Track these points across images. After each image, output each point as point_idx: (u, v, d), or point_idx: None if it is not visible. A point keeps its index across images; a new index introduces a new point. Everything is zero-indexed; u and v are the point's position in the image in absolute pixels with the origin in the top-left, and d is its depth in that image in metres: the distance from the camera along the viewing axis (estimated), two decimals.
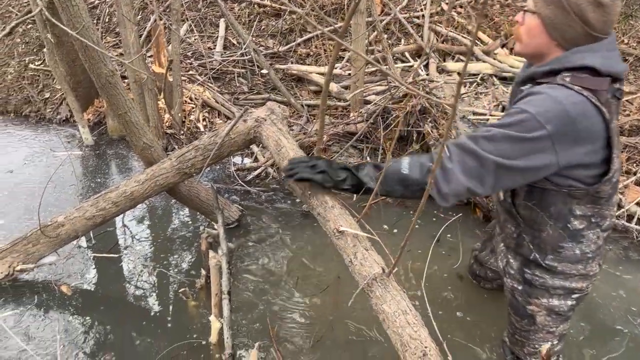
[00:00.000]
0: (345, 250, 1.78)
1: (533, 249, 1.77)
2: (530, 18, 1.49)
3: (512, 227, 1.82)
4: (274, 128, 2.15)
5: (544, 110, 1.39)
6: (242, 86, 4.26)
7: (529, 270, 1.83)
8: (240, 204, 3.26)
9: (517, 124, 1.42)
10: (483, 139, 1.47)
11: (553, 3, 1.43)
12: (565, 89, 1.41)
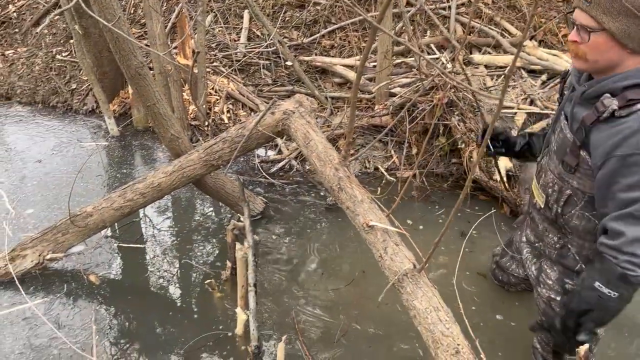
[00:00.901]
0: (375, 245, 1.77)
1: (579, 260, 1.70)
2: (595, 36, 1.37)
3: (554, 237, 1.75)
4: (302, 121, 2.14)
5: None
6: (266, 78, 4.24)
7: (570, 281, 1.76)
8: (264, 196, 3.26)
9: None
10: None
11: (622, 13, 1.31)
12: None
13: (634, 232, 1.35)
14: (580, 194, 1.55)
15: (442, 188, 3.47)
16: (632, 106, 1.33)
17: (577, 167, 1.50)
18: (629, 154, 1.31)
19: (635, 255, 1.36)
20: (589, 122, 1.41)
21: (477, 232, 2.87)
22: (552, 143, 1.66)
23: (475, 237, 2.87)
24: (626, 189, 1.34)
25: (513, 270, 2.29)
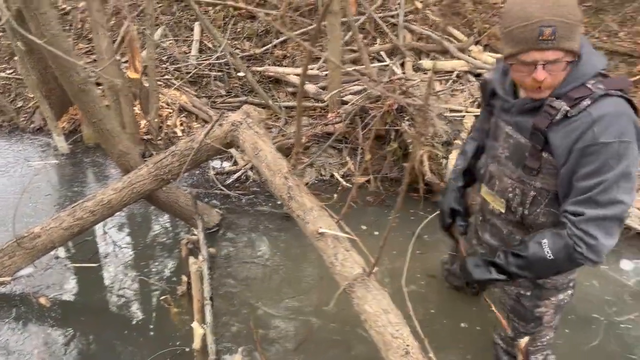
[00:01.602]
0: (326, 252, 1.79)
1: None
2: (557, 65, 1.39)
3: (521, 238, 1.77)
4: (250, 131, 2.15)
5: (619, 128, 1.37)
6: (219, 89, 4.24)
7: None
8: (220, 208, 3.24)
9: (618, 162, 1.39)
10: (601, 196, 1.42)
11: (576, 32, 1.36)
12: (611, 98, 1.40)
13: (593, 213, 1.42)
14: (545, 193, 1.59)
15: (397, 192, 3.52)
16: (579, 104, 1.40)
17: (540, 168, 1.55)
18: (586, 146, 1.39)
19: (588, 234, 1.43)
20: (544, 126, 1.46)
21: (428, 234, 2.93)
22: (497, 150, 1.69)
23: (427, 240, 2.93)
24: (584, 177, 1.42)
25: None
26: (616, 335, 2.43)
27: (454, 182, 1.95)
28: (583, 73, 1.42)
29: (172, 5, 4.77)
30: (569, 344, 2.35)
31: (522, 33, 1.35)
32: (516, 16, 1.36)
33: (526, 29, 1.34)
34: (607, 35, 4.61)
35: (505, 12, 1.42)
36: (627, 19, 4.73)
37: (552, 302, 1.84)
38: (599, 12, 4.75)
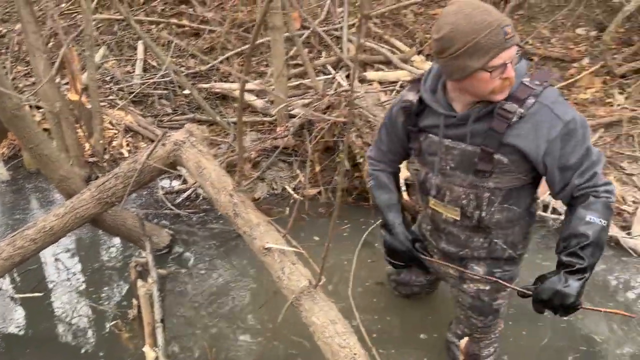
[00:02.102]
0: (273, 267, 1.80)
1: (507, 248, 1.83)
2: (514, 60, 1.49)
3: (480, 239, 1.84)
4: (193, 150, 2.15)
5: (567, 105, 1.55)
6: (166, 108, 4.20)
7: (499, 269, 1.89)
8: (170, 228, 3.20)
9: (582, 131, 1.54)
10: (593, 156, 1.57)
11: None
12: (547, 89, 1.55)
13: (599, 168, 1.57)
14: (498, 191, 1.67)
15: (348, 202, 3.57)
16: (526, 102, 1.51)
17: (493, 169, 1.62)
18: (561, 129, 1.51)
19: (607, 184, 1.57)
20: (502, 130, 1.54)
21: (379, 243, 2.98)
22: (438, 163, 1.74)
23: (378, 248, 2.98)
24: (573, 153, 1.54)
25: (414, 281, 2.38)
26: (562, 330, 2.53)
27: (396, 215, 1.93)
28: (520, 72, 1.54)
29: (113, 25, 4.70)
30: (522, 345, 2.43)
31: (490, 39, 1.41)
32: (476, 28, 1.40)
33: (492, 34, 1.40)
34: (540, 42, 4.83)
35: (453, 32, 1.42)
36: (558, 25, 4.99)
37: (507, 292, 1.94)
38: (532, 20, 4.98)
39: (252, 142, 3.73)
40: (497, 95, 1.52)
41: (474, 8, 1.42)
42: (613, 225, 3.24)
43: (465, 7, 1.43)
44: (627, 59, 4.48)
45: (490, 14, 1.41)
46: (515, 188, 1.67)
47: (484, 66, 1.43)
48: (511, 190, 1.67)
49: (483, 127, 1.58)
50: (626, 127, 3.86)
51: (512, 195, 1.68)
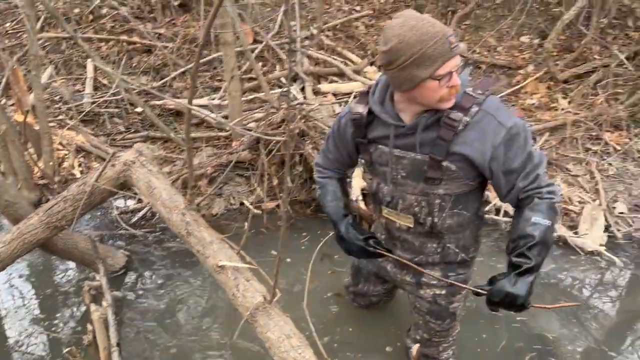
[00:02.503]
0: (227, 284, 1.80)
1: (459, 252, 1.89)
2: (458, 69, 1.55)
3: (434, 245, 1.89)
4: (143, 170, 2.12)
5: (508, 111, 1.61)
6: (118, 126, 4.13)
7: (453, 273, 1.94)
8: (126, 249, 3.14)
9: (524, 135, 1.61)
10: (535, 159, 1.64)
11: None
12: (489, 97, 1.62)
13: (541, 170, 1.64)
14: (447, 197, 1.73)
15: (306, 214, 3.59)
16: (470, 110, 1.58)
17: (442, 177, 1.68)
18: (504, 136, 1.57)
19: (550, 185, 1.64)
20: (449, 138, 1.60)
21: (339, 254, 3.01)
22: (389, 174, 1.78)
23: (337, 260, 3.00)
24: (516, 158, 1.60)
25: (372, 291, 2.41)
26: (518, 330, 2.61)
27: (345, 219, 1.95)
28: (463, 81, 1.60)
29: (60, 43, 4.60)
30: (482, 347, 2.49)
31: (436, 49, 1.46)
32: (422, 39, 1.45)
33: (438, 44, 1.45)
34: (487, 50, 5.00)
35: (400, 44, 1.46)
36: (503, 34, 5.18)
37: (462, 295, 2.00)
38: (478, 30, 5.16)
39: (208, 158, 3.71)
40: (445, 104, 1.57)
41: (418, 20, 1.47)
42: (561, 225, 3.37)
43: (410, 19, 1.48)
44: (569, 65, 4.69)
45: (434, 26, 1.47)
46: (463, 193, 1.73)
47: (432, 75, 1.48)
48: (460, 195, 1.73)
49: (431, 136, 1.64)
50: (570, 130, 4.03)
51: (461, 201, 1.75)
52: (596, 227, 3.34)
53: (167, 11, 4.99)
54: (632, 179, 3.76)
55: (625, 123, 4.11)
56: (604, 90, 4.40)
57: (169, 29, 4.83)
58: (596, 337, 2.62)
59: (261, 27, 4.91)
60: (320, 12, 4.71)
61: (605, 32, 4.96)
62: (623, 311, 2.88)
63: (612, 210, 3.51)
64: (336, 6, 5.35)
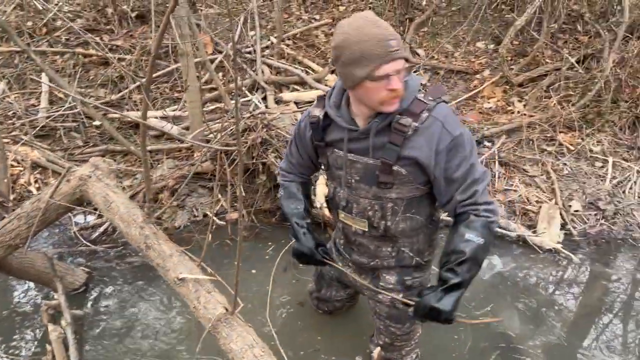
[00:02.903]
0: (188, 297, 1.77)
1: (414, 255, 1.91)
2: (402, 74, 1.57)
3: (388, 249, 1.91)
4: (100, 184, 2.08)
5: (457, 121, 1.65)
6: (76, 140, 4.04)
7: (409, 277, 1.96)
8: (86, 266, 3.07)
9: (469, 147, 1.64)
10: (476, 173, 1.66)
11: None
12: (440, 104, 1.65)
13: (481, 187, 1.65)
14: (400, 201, 1.75)
15: (271, 223, 3.58)
16: (420, 116, 1.61)
17: (394, 181, 1.70)
18: (449, 143, 1.60)
19: (488, 203, 1.66)
20: (399, 142, 1.62)
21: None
22: (344, 177, 1.80)
23: (302, 269, 3.00)
24: (457, 167, 1.63)
25: (335, 297, 2.42)
26: (482, 330, 2.66)
27: (302, 222, 1.98)
28: (414, 87, 1.64)
29: (13, 57, 4.48)
30: (450, 351, 2.52)
31: (374, 50, 1.48)
32: (362, 39, 1.49)
33: (376, 46, 1.48)
34: (445, 56, 5.11)
35: (344, 42, 1.52)
36: (460, 40, 5.30)
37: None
38: (436, 36, 5.27)
39: (169, 170, 3.66)
40: (386, 107, 1.60)
41: (365, 21, 1.51)
42: (520, 225, 3.46)
43: (359, 19, 1.53)
44: (523, 69, 4.84)
45: (379, 28, 1.50)
46: (415, 198, 1.76)
47: (369, 76, 1.51)
48: (412, 200, 1.76)
49: (383, 140, 1.66)
50: (526, 133, 4.16)
51: (413, 205, 1.77)
52: (553, 226, 3.44)
53: (124, 22, 4.92)
54: (585, 177, 3.90)
55: (577, 124, 4.26)
56: (557, 92, 4.55)
57: (127, 40, 4.77)
58: (557, 332, 2.70)
59: (220, 38, 4.89)
60: (279, 22, 4.73)
61: (556, 37, 5.14)
62: (582, 306, 2.97)
63: (567, 209, 3.62)
64: (296, 15, 5.39)
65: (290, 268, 3.05)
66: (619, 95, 4.39)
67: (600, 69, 4.48)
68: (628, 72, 4.37)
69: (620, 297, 3.04)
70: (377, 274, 2.01)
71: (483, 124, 4.30)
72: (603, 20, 5.17)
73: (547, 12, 4.82)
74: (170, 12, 1.29)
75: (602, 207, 3.65)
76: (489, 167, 3.90)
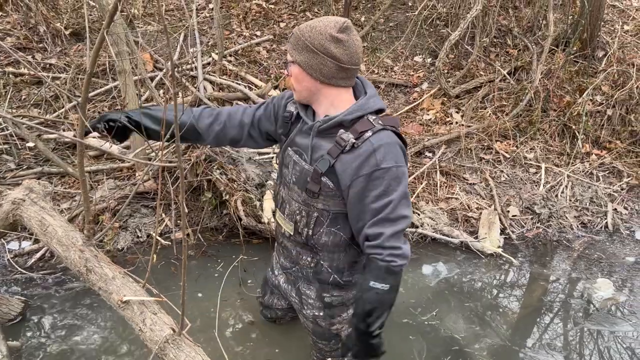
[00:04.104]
0: (134, 320, 1.72)
1: (332, 272, 1.90)
2: (293, 68, 1.66)
3: (308, 258, 1.92)
4: (35, 207, 1.99)
5: (395, 156, 1.61)
6: (8, 163, 3.84)
7: (327, 294, 1.96)
8: (22, 295, 2.91)
9: (394, 184, 1.61)
10: (392, 213, 1.62)
11: (303, 49, 1.62)
12: (387, 131, 1.64)
13: (390, 230, 1.62)
14: (326, 213, 1.75)
15: (219, 240, 3.54)
16: (363, 135, 1.62)
17: (320, 191, 1.71)
18: (372, 172, 1.60)
19: (395, 248, 1.63)
20: (335, 155, 1.64)
21: (253, 280, 2.99)
22: (287, 176, 1.83)
23: (250, 285, 2.98)
24: (375, 199, 1.62)
25: (277, 305, 2.40)
26: (433, 337, 2.72)
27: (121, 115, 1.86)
28: (366, 106, 1.66)
29: None
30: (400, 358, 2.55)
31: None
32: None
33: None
34: (385, 70, 5.25)
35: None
36: (399, 54, 5.46)
37: (345, 319, 2.01)
38: (375, 51, 5.40)
39: (110, 191, 3.55)
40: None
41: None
42: (462, 231, 3.58)
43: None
44: (459, 81, 5.04)
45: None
46: (341, 214, 1.76)
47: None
48: (338, 215, 1.76)
49: (322, 145, 1.70)
50: (464, 142, 4.32)
51: (339, 221, 1.77)
52: (494, 231, 3.58)
53: (57, 40, 4.75)
54: (521, 183, 4.09)
55: (511, 133, 4.47)
56: (491, 103, 4.76)
57: (61, 59, 4.60)
58: (501, 334, 2.80)
59: (160, 55, 4.81)
60: (220, 38, 4.71)
61: (489, 50, 5.39)
62: (523, 307, 3.10)
63: (506, 214, 3.78)
64: (237, 32, 5.38)
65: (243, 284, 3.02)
66: (548, 105, 4.65)
67: (530, 80, 4.74)
68: (555, 82, 4.65)
69: (559, 297, 3.19)
70: (299, 287, 2.03)
71: (424, 135, 4.44)
72: (530, 34, 5.47)
73: (479, 27, 5.06)
74: (106, 28, 1.27)
75: (537, 211, 3.83)
76: (430, 176, 4.02)
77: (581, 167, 4.29)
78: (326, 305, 1.98)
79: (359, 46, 1.65)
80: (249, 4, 5.77)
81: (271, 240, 3.36)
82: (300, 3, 5.89)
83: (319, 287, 1.97)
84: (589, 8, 4.83)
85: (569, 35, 5.18)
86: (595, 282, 3.26)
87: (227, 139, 1.94)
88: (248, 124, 1.91)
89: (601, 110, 4.67)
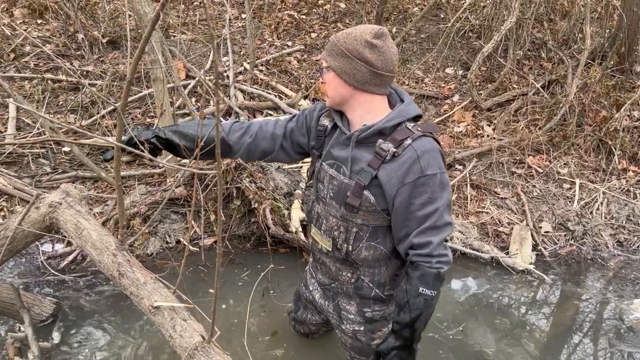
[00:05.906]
0: (164, 326, 1.72)
1: (373, 287, 1.87)
2: (327, 74, 1.67)
3: (348, 274, 1.89)
4: (71, 211, 2.03)
5: (438, 162, 1.62)
6: (45, 167, 3.94)
7: (368, 309, 1.93)
8: (54, 296, 2.97)
9: (439, 191, 1.62)
10: (439, 220, 1.63)
11: (338, 54, 1.62)
12: (427, 138, 1.64)
13: (437, 239, 1.63)
14: (365, 228, 1.73)
15: (246, 248, 3.55)
16: (403, 143, 1.60)
17: (360, 206, 1.68)
18: (416, 179, 1.59)
19: (442, 255, 1.64)
20: (376, 166, 1.62)
21: (276, 290, 2.98)
22: (322, 192, 1.81)
23: (276, 296, 2.97)
24: (421, 207, 1.61)
25: (311, 320, 2.37)
26: (461, 352, 2.67)
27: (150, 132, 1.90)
28: (403, 113, 1.64)
29: None
30: None
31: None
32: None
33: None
34: (415, 82, 5.22)
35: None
36: (430, 66, 5.43)
37: (385, 333, 1.96)
38: (406, 62, 5.38)
39: (141, 196, 3.60)
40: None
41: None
42: (493, 247, 3.51)
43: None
44: (491, 93, 4.97)
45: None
46: (382, 228, 1.74)
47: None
48: (378, 229, 1.74)
49: (363, 156, 1.68)
50: (496, 156, 4.25)
51: (379, 234, 1.75)
52: (525, 247, 3.50)
53: (95, 48, 4.88)
54: (554, 199, 4.00)
55: (545, 147, 4.38)
56: (524, 117, 4.68)
57: (98, 66, 4.72)
58: (530, 351, 2.73)
59: (193, 63, 4.89)
60: (252, 48, 4.76)
61: (522, 63, 5.31)
62: (554, 325, 3.02)
63: (538, 230, 3.70)
64: (269, 42, 5.44)
65: (266, 293, 3.01)
66: (583, 119, 4.54)
67: (565, 94, 4.65)
68: (591, 97, 4.54)
69: (591, 317, 3.10)
70: (338, 302, 2.00)
71: (454, 147, 4.39)
72: (565, 48, 5.37)
73: (513, 40, 4.99)
74: (148, 37, 1.29)
75: (571, 228, 3.74)
76: (460, 189, 3.96)
77: (617, 183, 4.17)
78: (367, 320, 1.95)
79: (394, 53, 1.64)
80: (281, 14, 5.83)
81: (298, 250, 3.36)
82: (332, 14, 5.92)
83: (359, 302, 1.94)
84: (627, 22, 4.73)
85: (605, 49, 5.08)
86: (631, 302, 3.16)
87: (259, 151, 1.91)
88: (280, 135, 1.89)
89: (639, 126, 4.54)
